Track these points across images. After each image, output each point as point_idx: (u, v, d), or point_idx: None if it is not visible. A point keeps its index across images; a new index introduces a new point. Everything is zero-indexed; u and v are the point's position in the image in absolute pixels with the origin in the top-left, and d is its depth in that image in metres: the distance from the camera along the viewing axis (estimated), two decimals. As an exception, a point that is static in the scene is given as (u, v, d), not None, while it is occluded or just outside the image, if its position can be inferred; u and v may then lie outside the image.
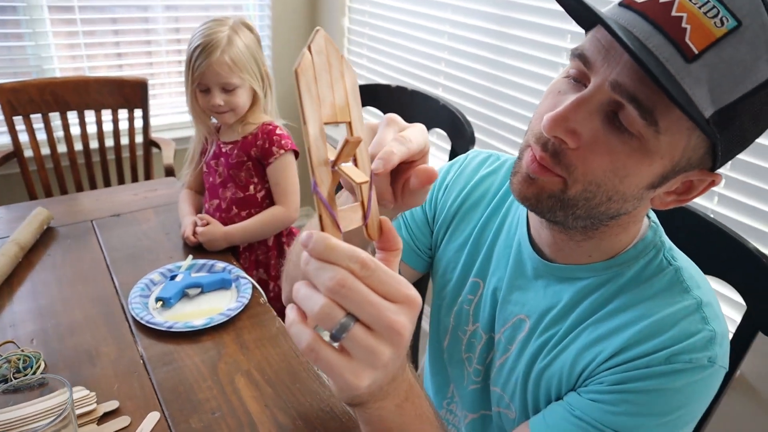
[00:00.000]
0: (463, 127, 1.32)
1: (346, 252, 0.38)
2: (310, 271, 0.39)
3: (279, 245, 1.43)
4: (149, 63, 2.41)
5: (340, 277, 0.38)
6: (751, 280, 0.84)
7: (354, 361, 0.40)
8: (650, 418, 0.59)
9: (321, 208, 0.42)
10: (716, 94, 0.49)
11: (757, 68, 0.49)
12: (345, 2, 2.43)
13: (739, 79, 0.49)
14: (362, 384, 0.40)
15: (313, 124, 0.41)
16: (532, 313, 0.70)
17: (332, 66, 0.43)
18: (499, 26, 1.75)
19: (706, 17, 0.48)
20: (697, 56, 0.48)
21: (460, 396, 0.84)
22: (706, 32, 0.48)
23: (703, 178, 0.57)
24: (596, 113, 0.54)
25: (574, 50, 0.57)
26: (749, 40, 0.48)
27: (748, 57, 0.48)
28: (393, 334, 0.39)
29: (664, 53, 0.49)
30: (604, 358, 0.62)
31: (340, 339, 0.39)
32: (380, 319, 0.39)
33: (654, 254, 0.65)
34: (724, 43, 0.48)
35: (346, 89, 0.44)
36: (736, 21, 0.48)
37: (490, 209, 0.78)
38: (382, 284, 0.39)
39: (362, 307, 0.38)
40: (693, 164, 0.55)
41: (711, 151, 0.54)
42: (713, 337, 0.59)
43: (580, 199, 0.57)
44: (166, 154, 1.95)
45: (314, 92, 0.42)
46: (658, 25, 0.49)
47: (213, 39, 1.23)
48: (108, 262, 1.16)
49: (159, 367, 0.90)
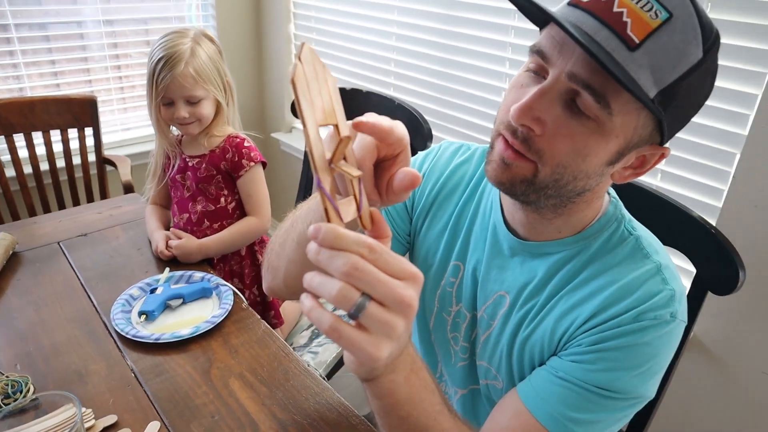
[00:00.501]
0: (420, 124, 1.38)
1: (355, 239, 0.43)
2: (322, 260, 0.43)
3: (252, 254, 1.45)
4: (88, 80, 2.35)
5: (353, 261, 0.42)
6: (697, 246, 0.93)
7: (373, 335, 0.44)
8: (625, 371, 0.66)
9: (326, 202, 0.46)
10: (657, 77, 0.57)
11: (689, 52, 0.57)
12: (290, 9, 2.46)
13: (675, 62, 0.57)
14: (383, 354, 0.45)
15: (311, 127, 0.46)
16: (511, 289, 0.76)
17: (318, 74, 0.48)
18: (445, 25, 1.82)
19: (643, 11, 0.55)
20: (638, 45, 0.56)
21: (449, 374, 0.90)
22: (644, 24, 0.55)
23: (654, 152, 0.65)
24: (556, 101, 0.60)
25: (532, 47, 0.63)
26: (680, 29, 0.56)
27: (680, 43, 0.56)
28: (404, 307, 0.44)
29: (610, 44, 0.56)
30: (580, 322, 0.68)
31: (358, 317, 0.44)
32: (392, 295, 0.44)
33: (616, 226, 0.72)
34: (660, 32, 0.56)
35: (330, 94, 0.49)
36: (668, 13, 0.56)
37: (466, 195, 0.83)
38: (389, 264, 0.44)
39: (375, 286, 0.43)
40: (644, 140, 0.63)
41: (658, 127, 0.62)
42: (673, 295, 0.67)
43: (549, 180, 0.64)
44: (123, 171, 1.93)
45: (309, 99, 0.46)
46: (603, 21, 0.56)
47: (176, 51, 1.23)
48: (82, 282, 1.16)
49: (151, 379, 0.92)
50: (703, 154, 1.32)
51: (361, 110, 1.62)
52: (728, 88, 1.24)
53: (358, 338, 0.44)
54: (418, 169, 0.88)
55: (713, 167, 1.31)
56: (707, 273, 0.94)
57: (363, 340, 0.44)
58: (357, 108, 1.53)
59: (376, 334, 0.45)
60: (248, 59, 2.66)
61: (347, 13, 2.18)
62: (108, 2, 2.27)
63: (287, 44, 2.52)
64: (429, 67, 1.92)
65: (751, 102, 1.21)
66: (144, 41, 2.43)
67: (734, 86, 1.23)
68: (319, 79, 0.48)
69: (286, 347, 1.00)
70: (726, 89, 1.24)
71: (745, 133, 1.23)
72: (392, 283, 0.44)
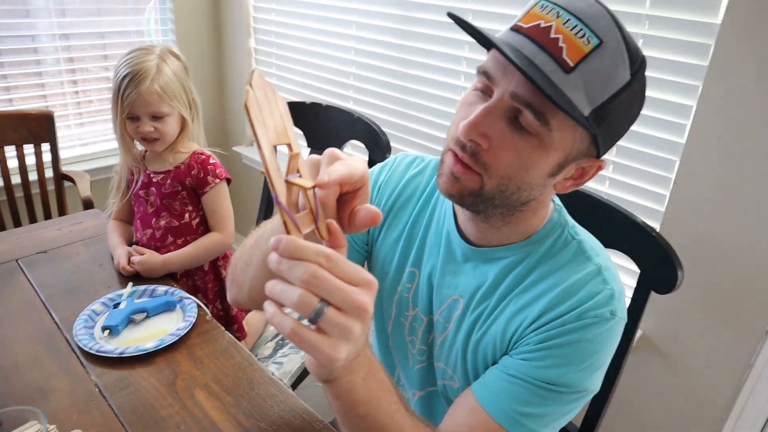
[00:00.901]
0: (378, 137, 1.42)
1: (313, 249, 0.47)
2: (283, 269, 0.47)
3: (215, 269, 1.46)
4: (42, 95, 2.31)
5: (312, 270, 0.47)
6: (640, 248, 1.00)
7: (331, 337, 0.49)
8: (571, 366, 0.71)
9: (284, 216, 0.50)
10: (591, 97, 0.62)
11: (618, 75, 0.63)
12: (249, 23, 2.48)
13: (606, 83, 0.63)
14: (341, 356, 0.49)
15: (266, 148, 0.49)
16: (465, 293, 0.81)
17: (268, 97, 0.52)
18: (402, 40, 1.87)
19: (576, 37, 0.61)
20: (573, 68, 0.61)
21: (407, 377, 0.94)
22: (577, 49, 0.61)
23: (591, 164, 0.71)
24: (501, 118, 0.66)
25: (479, 68, 0.68)
26: (610, 54, 0.62)
27: (610, 66, 0.62)
28: (360, 311, 0.49)
29: (548, 67, 0.61)
30: (528, 322, 0.73)
31: (317, 321, 0.48)
32: (348, 300, 0.48)
33: (560, 232, 0.77)
34: (591, 56, 0.61)
35: (281, 114, 0.53)
36: (599, 39, 0.61)
37: (420, 205, 0.88)
38: (345, 272, 0.49)
39: (332, 293, 0.47)
40: (582, 153, 0.69)
41: (594, 142, 0.67)
42: (612, 294, 0.72)
43: (495, 191, 0.68)
44: (83, 187, 1.91)
45: (261, 121, 0.50)
46: (541, 46, 0.62)
47: (142, 68, 1.24)
48: (43, 299, 1.15)
49: (116, 393, 0.92)
50: (646, 161, 1.40)
51: (321, 123, 1.66)
52: (667, 99, 1.32)
53: (318, 341, 0.48)
54: (375, 180, 0.93)
55: (656, 174, 1.39)
56: (650, 273, 1.00)
57: (322, 342, 0.48)
58: (317, 121, 1.57)
59: (335, 336, 0.49)
60: (208, 73, 2.67)
61: (306, 27, 2.21)
62: (64, 16, 2.25)
63: (247, 58, 2.54)
64: (387, 81, 1.97)
65: (687, 112, 1.29)
66: (101, 55, 2.41)
67: (672, 98, 1.31)
68: (270, 101, 0.52)
69: (251, 357, 1.02)
70: (665, 101, 1.33)
71: (683, 142, 1.31)
72: (349, 289, 0.48)
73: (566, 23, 0.61)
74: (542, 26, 0.62)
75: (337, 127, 1.53)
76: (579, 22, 0.61)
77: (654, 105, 1.34)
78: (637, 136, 1.39)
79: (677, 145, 1.33)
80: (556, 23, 0.62)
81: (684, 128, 1.31)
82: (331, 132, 1.55)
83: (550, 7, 0.63)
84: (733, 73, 1.18)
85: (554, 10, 0.62)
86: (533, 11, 0.64)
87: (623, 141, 1.40)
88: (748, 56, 1.15)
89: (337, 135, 1.53)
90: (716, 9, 1.20)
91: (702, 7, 1.23)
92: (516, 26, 0.65)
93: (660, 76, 1.32)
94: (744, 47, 1.15)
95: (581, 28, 0.61)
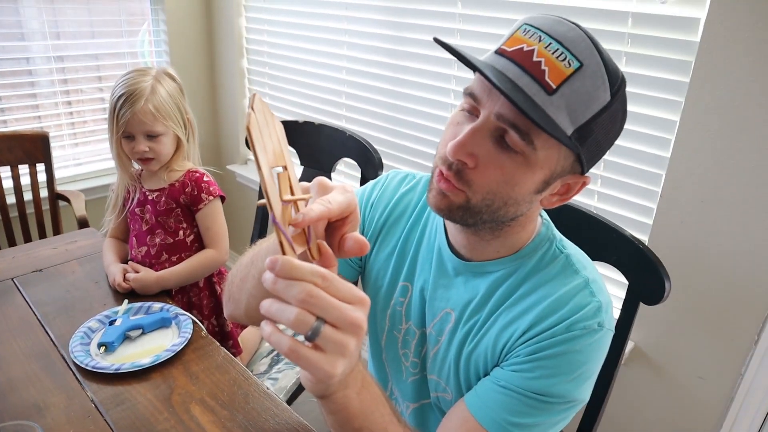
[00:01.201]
0: (370, 154, 1.44)
1: (309, 269, 0.49)
2: (279, 289, 0.49)
3: (210, 286, 1.47)
4: (37, 116, 2.33)
5: (308, 289, 0.48)
6: (629, 260, 1.02)
7: (328, 354, 0.50)
8: (560, 377, 0.72)
9: (281, 236, 0.52)
10: (573, 117, 0.65)
11: (598, 96, 0.65)
12: (242, 44, 2.52)
13: (587, 104, 0.65)
14: (338, 371, 0.51)
15: (266, 169, 0.52)
16: (456, 306, 0.82)
17: (267, 121, 0.54)
18: (393, 59, 1.90)
19: (558, 60, 0.64)
20: (555, 90, 0.64)
21: (400, 390, 0.95)
22: (559, 72, 0.64)
23: (576, 180, 0.73)
24: (488, 138, 0.68)
25: (465, 89, 0.71)
26: (590, 76, 0.64)
27: (591, 87, 0.65)
28: (355, 328, 0.50)
29: (531, 89, 0.64)
30: (519, 334, 0.75)
31: (315, 339, 0.49)
32: (344, 318, 0.50)
33: (548, 246, 0.80)
34: (573, 78, 0.64)
35: (279, 138, 0.56)
36: (579, 62, 0.64)
37: (412, 221, 0.90)
38: (339, 291, 0.50)
39: (328, 311, 0.49)
40: (567, 170, 0.71)
41: (578, 159, 0.70)
42: (600, 306, 0.74)
43: (482, 206, 0.71)
44: (78, 206, 1.93)
45: (262, 143, 0.52)
46: (524, 68, 0.65)
47: (137, 88, 1.27)
48: (39, 317, 1.16)
49: (112, 408, 0.93)
50: (633, 175, 1.43)
51: (313, 142, 1.68)
52: (651, 115, 1.36)
53: (315, 358, 0.50)
54: (368, 197, 0.95)
55: (643, 187, 1.42)
56: (638, 285, 1.02)
57: (320, 359, 0.50)
58: (310, 139, 1.59)
59: (332, 353, 0.50)
60: (202, 93, 2.70)
61: (299, 48, 2.25)
62: (58, 38, 2.28)
63: (241, 78, 2.57)
64: (378, 99, 2.00)
65: (671, 127, 1.33)
66: (96, 77, 2.44)
67: (656, 113, 1.35)
68: (269, 125, 0.54)
69: (246, 372, 1.03)
70: (650, 116, 1.36)
71: (668, 155, 1.34)
72: (344, 307, 0.50)
73: (548, 47, 0.64)
74: (525, 50, 0.65)
75: (330, 145, 1.55)
76: (560, 46, 0.64)
77: (639, 120, 1.38)
78: (624, 151, 1.42)
79: (663, 159, 1.36)
80: (539, 47, 0.64)
81: (669, 142, 1.34)
82: (323, 150, 1.58)
83: (533, 32, 0.66)
84: (714, 89, 1.22)
85: (536, 34, 0.65)
86: (516, 35, 0.67)
87: (611, 156, 1.44)
88: (727, 72, 1.19)
89: (329, 153, 1.56)
90: (695, 28, 1.24)
91: (681, 26, 1.27)
92: (500, 50, 0.68)
93: (644, 92, 1.35)
94: (722, 64, 1.19)
95: (562, 52, 0.64)
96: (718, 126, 1.23)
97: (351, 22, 2.01)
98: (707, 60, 1.21)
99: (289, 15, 2.25)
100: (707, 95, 1.23)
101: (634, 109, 1.38)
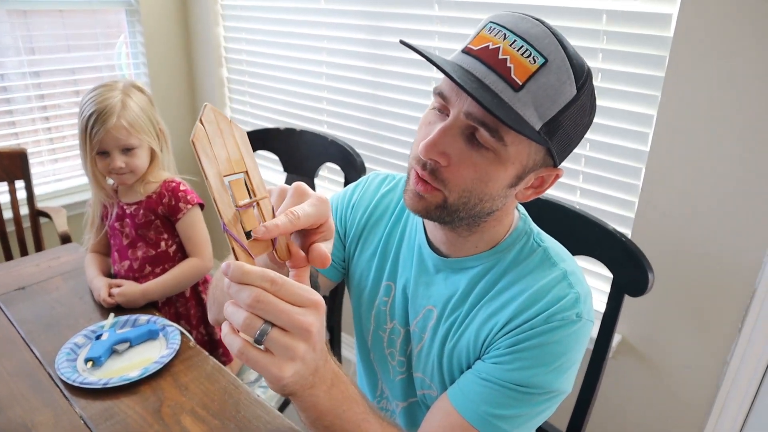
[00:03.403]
0: (353, 158, 1.45)
1: (258, 274, 0.50)
2: (232, 293, 0.51)
3: (197, 295, 1.46)
4: (14, 133, 2.29)
5: (256, 294, 0.50)
6: (612, 254, 1.03)
7: (276, 357, 0.52)
8: (541, 368, 0.73)
9: (233, 243, 0.53)
10: (541, 112, 0.66)
11: (564, 90, 0.67)
12: (221, 53, 2.51)
13: (554, 98, 0.66)
14: (286, 374, 0.52)
15: (213, 179, 0.53)
16: (438, 303, 0.83)
17: (223, 130, 0.55)
18: (372, 64, 1.91)
19: (523, 57, 0.65)
20: (521, 86, 0.65)
21: (390, 389, 0.95)
22: (524, 68, 0.65)
23: (550, 173, 0.75)
24: (459, 136, 0.69)
25: (435, 89, 0.72)
26: (555, 71, 0.66)
27: (557, 82, 0.66)
28: (303, 332, 0.52)
29: (498, 87, 0.65)
30: (498, 327, 0.76)
31: (262, 342, 0.51)
32: (292, 322, 0.51)
33: (526, 240, 0.81)
34: (538, 74, 0.65)
35: (238, 145, 0.56)
36: (544, 58, 0.65)
37: (392, 221, 0.91)
38: (290, 295, 0.51)
39: (276, 315, 0.50)
40: (539, 164, 0.72)
41: (549, 153, 0.71)
42: (578, 297, 0.75)
43: (458, 204, 0.72)
44: (59, 222, 1.90)
45: (210, 154, 0.53)
46: (491, 66, 0.66)
47: (107, 105, 1.26)
48: (23, 335, 1.14)
49: (101, 423, 0.92)
50: (614, 170, 1.44)
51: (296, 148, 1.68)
52: (629, 110, 1.38)
53: (263, 360, 0.51)
54: (348, 199, 0.96)
55: (623, 181, 1.43)
56: (622, 277, 1.04)
57: (267, 361, 0.51)
58: (292, 146, 1.60)
59: (279, 356, 0.52)
60: (182, 103, 2.69)
61: (278, 55, 2.25)
62: (33, 53, 2.26)
63: (220, 88, 2.56)
64: (359, 104, 2.00)
65: (649, 121, 1.35)
66: (73, 91, 2.42)
67: (634, 108, 1.37)
68: (224, 134, 0.55)
69: (236, 380, 1.03)
70: (627, 111, 1.38)
71: (647, 149, 1.36)
72: (292, 310, 0.51)
73: (513, 44, 0.65)
74: (491, 48, 0.66)
75: (312, 151, 1.56)
76: (524, 43, 0.65)
77: (617, 115, 1.40)
78: (604, 146, 1.44)
79: (642, 153, 1.38)
80: (503, 44, 0.66)
81: (647, 136, 1.36)
82: (306, 156, 1.58)
83: (498, 29, 0.67)
84: (688, 82, 1.24)
85: (501, 32, 0.66)
86: (482, 34, 0.68)
87: (591, 152, 1.45)
88: (700, 66, 1.21)
89: (312, 158, 1.56)
90: (668, 23, 1.27)
91: (655, 22, 1.29)
92: (467, 48, 0.69)
93: (621, 87, 1.37)
94: (695, 58, 1.21)
95: (527, 48, 0.65)
96: (694, 118, 1.25)
97: (329, 27, 2.02)
98: (681, 54, 1.24)
99: (266, 23, 2.25)
100: (682, 88, 1.25)
101: (612, 104, 1.40)
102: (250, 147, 0.57)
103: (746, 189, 1.21)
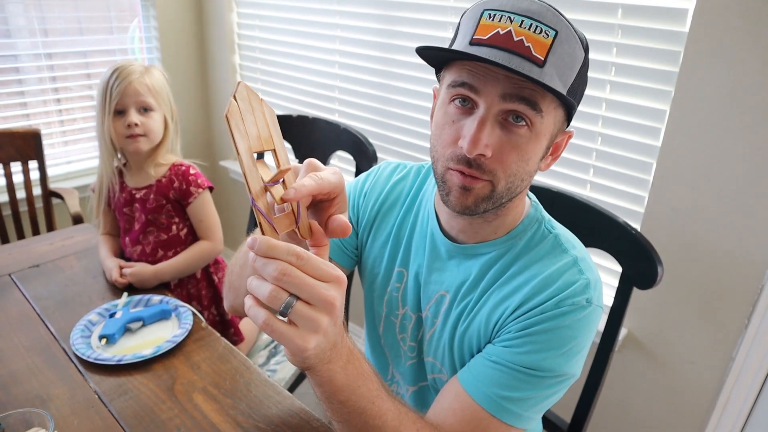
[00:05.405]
0: (365, 147, 1.45)
1: (284, 248, 0.52)
2: (257, 267, 0.52)
3: (208, 276, 1.48)
4: (25, 114, 2.31)
5: (282, 267, 0.51)
6: (622, 246, 1.04)
7: (300, 329, 0.53)
8: (550, 351, 0.75)
9: (260, 218, 0.55)
10: (564, 80, 0.69)
11: (577, 55, 0.70)
12: (234, 40, 2.51)
13: (571, 65, 0.70)
14: (309, 346, 0.54)
15: (244, 154, 0.54)
16: (450, 288, 0.85)
17: (254, 108, 0.56)
18: (385, 53, 1.92)
19: (536, 34, 0.67)
20: (544, 61, 0.67)
21: (401, 374, 0.97)
22: (542, 44, 0.67)
23: (563, 137, 0.78)
24: (495, 125, 0.70)
25: (453, 82, 0.72)
26: (566, 40, 0.68)
27: (570, 50, 0.69)
28: (327, 305, 0.53)
29: (524, 68, 0.66)
30: (510, 312, 0.77)
31: (287, 314, 0.52)
32: (316, 295, 0.52)
33: (537, 226, 0.82)
34: (554, 47, 0.68)
35: (267, 124, 0.57)
36: (554, 30, 0.67)
37: (404, 209, 0.92)
38: (315, 269, 0.53)
39: (300, 288, 0.52)
40: (559, 129, 0.75)
41: (566, 116, 0.74)
42: (588, 283, 0.77)
43: (504, 190, 0.74)
44: (72, 203, 1.92)
45: (242, 130, 0.54)
46: (510, 50, 0.67)
47: (128, 67, 1.30)
48: (38, 311, 1.16)
49: (115, 399, 0.94)
50: (625, 164, 1.45)
51: (308, 135, 1.69)
52: (642, 105, 1.38)
53: (288, 332, 0.53)
54: (361, 188, 0.97)
55: (635, 177, 1.44)
56: (631, 270, 1.05)
57: (292, 333, 0.53)
58: (304, 133, 1.60)
59: (304, 329, 0.53)
60: (194, 89, 2.70)
61: (291, 43, 2.25)
62: (47, 35, 2.27)
63: (233, 74, 2.57)
64: (371, 93, 2.01)
65: (661, 116, 1.35)
66: (85, 74, 2.43)
67: (647, 103, 1.37)
68: (255, 111, 0.56)
69: (247, 361, 1.04)
70: (640, 106, 1.38)
71: (658, 144, 1.36)
72: (316, 284, 0.53)
73: (522, 24, 0.67)
74: (501, 33, 0.67)
75: (324, 139, 1.57)
76: (533, 21, 0.67)
77: (630, 110, 1.40)
78: (616, 140, 1.44)
79: (653, 148, 1.38)
80: (513, 27, 0.67)
81: (659, 131, 1.36)
82: (318, 143, 1.59)
83: (499, 14, 0.68)
84: (703, 78, 1.24)
85: (504, 16, 0.68)
86: (483, 23, 0.69)
87: (602, 146, 1.46)
88: (715, 61, 1.21)
89: (324, 146, 1.57)
90: (684, 18, 1.27)
91: (670, 17, 1.29)
92: (475, 40, 0.69)
93: (634, 82, 1.38)
94: (711, 53, 1.21)
95: (537, 25, 0.67)
96: (707, 114, 1.25)
97: (343, 16, 2.02)
98: (696, 50, 1.24)
99: (280, 10, 2.25)
100: (696, 84, 1.25)
101: (625, 98, 1.40)
102: (278, 126, 0.58)
103: (757, 186, 1.22)
